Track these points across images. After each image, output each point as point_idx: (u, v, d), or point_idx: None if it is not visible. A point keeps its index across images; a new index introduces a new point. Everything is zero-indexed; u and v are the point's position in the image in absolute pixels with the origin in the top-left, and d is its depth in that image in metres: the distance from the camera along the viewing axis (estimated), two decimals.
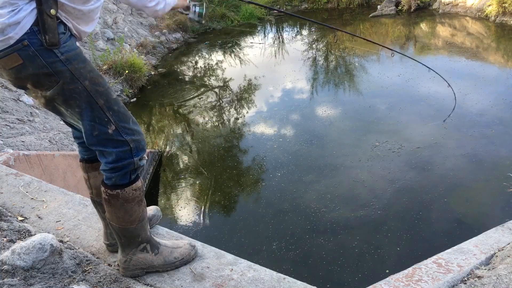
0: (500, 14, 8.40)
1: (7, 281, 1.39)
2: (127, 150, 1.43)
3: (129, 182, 1.47)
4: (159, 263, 1.60)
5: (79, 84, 1.30)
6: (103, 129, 1.37)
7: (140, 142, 1.47)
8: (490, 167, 3.83)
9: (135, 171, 1.49)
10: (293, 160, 4.33)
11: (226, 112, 5.96)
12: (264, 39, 9.84)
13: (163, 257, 1.61)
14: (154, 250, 1.60)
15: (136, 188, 1.48)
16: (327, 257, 3.00)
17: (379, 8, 10.60)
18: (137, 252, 1.57)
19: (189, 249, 1.66)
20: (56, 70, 1.25)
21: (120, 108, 1.41)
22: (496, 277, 1.46)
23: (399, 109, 5.22)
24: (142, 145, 1.48)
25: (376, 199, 3.56)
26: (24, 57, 1.19)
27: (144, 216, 1.56)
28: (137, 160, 1.47)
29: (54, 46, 1.22)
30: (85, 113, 1.35)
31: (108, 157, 1.42)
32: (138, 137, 1.46)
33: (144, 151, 1.50)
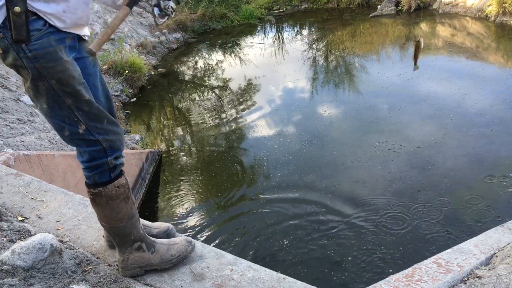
0: (500, 14, 8.40)
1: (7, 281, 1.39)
2: (100, 150, 1.45)
3: (109, 180, 1.48)
4: (156, 261, 1.60)
5: (46, 82, 1.31)
6: (74, 129, 1.40)
7: (114, 141, 1.48)
8: (490, 167, 3.83)
9: (114, 169, 1.50)
10: (293, 160, 4.33)
11: (226, 112, 5.96)
12: (264, 39, 9.84)
13: (160, 255, 1.61)
14: (150, 248, 1.60)
15: (118, 185, 1.49)
16: (327, 257, 3.00)
17: (379, 8, 10.60)
18: (133, 251, 1.58)
19: (185, 245, 1.66)
20: (26, 65, 1.28)
21: (92, 109, 1.41)
22: (496, 277, 1.46)
23: (399, 109, 5.22)
24: (117, 145, 1.49)
25: (376, 199, 3.56)
26: (3, 47, 1.27)
27: (134, 214, 1.56)
28: (111, 159, 1.47)
29: (20, 42, 1.24)
30: (53, 112, 1.38)
31: (83, 156, 1.46)
32: (113, 136, 1.47)
33: (120, 151, 1.51)
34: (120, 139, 1.52)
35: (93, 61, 1.55)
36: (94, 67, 1.55)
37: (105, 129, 1.45)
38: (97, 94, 1.55)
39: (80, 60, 1.47)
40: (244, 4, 11.26)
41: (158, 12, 1.45)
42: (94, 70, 1.55)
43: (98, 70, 1.58)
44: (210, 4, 10.72)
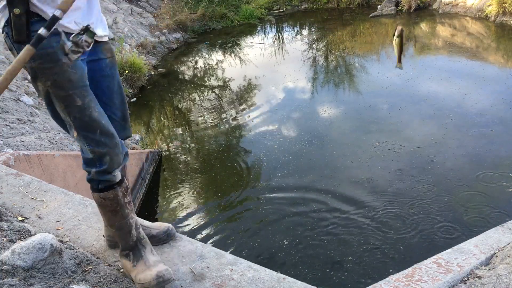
0: (500, 14, 8.39)
1: (7, 281, 1.39)
2: (90, 159, 1.42)
3: (97, 189, 1.47)
4: (131, 276, 1.56)
5: (42, 83, 1.31)
6: (70, 132, 1.41)
7: (104, 155, 1.41)
8: (490, 167, 3.82)
9: (103, 182, 1.45)
10: (293, 160, 4.33)
11: (226, 112, 5.96)
12: (264, 39, 9.84)
13: (135, 273, 1.54)
14: (134, 261, 1.56)
15: (105, 198, 1.46)
16: (327, 257, 3.00)
17: (379, 8, 10.60)
18: (122, 255, 1.60)
19: (155, 279, 1.48)
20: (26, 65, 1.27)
21: (83, 116, 1.36)
22: (496, 277, 1.46)
23: (399, 109, 5.22)
24: (106, 159, 1.42)
25: (376, 199, 3.56)
26: (8, 46, 1.32)
27: (122, 227, 1.53)
28: (94, 171, 1.43)
29: (20, 43, 1.23)
30: (52, 113, 1.40)
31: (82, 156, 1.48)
32: (103, 149, 1.40)
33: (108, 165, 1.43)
34: (112, 153, 1.43)
35: (111, 62, 1.53)
36: (112, 69, 1.53)
37: (97, 140, 1.39)
38: (112, 96, 1.53)
39: (96, 62, 1.45)
40: (244, 4, 11.25)
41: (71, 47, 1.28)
42: (111, 72, 1.52)
43: (116, 73, 1.55)
44: (210, 4, 10.72)
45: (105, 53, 1.50)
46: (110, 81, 1.51)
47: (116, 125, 1.54)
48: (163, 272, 1.48)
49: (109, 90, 1.52)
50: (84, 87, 1.35)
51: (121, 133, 1.59)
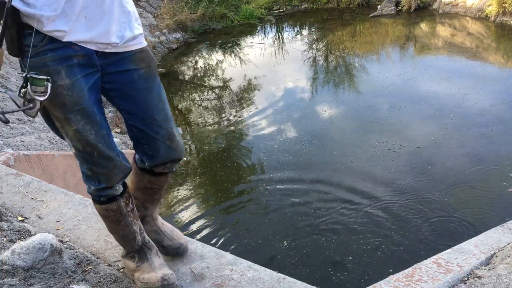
0: (500, 14, 8.39)
1: (7, 281, 1.39)
2: (88, 175, 1.36)
3: (99, 201, 1.42)
4: (133, 276, 1.56)
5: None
6: (69, 147, 1.37)
7: (100, 175, 1.34)
8: (490, 167, 3.83)
9: (105, 196, 1.40)
10: (294, 160, 4.33)
11: (226, 112, 5.96)
12: (264, 39, 9.84)
13: (139, 273, 1.54)
14: (139, 262, 1.54)
15: (107, 209, 1.42)
16: (327, 257, 3.00)
17: (379, 8, 10.60)
18: (125, 256, 1.59)
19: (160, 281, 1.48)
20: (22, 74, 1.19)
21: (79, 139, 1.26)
22: (496, 277, 1.46)
23: (399, 109, 5.22)
24: (103, 178, 1.34)
25: (376, 199, 3.56)
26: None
27: (127, 234, 1.50)
28: (94, 188, 1.38)
29: (16, 56, 1.15)
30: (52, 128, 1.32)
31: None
32: (100, 170, 1.33)
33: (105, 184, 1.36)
34: (111, 173, 1.34)
35: (147, 73, 1.33)
36: (148, 81, 1.33)
37: (94, 161, 1.31)
38: (151, 112, 1.35)
39: (124, 74, 1.29)
40: (244, 4, 11.25)
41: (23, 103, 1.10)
42: (147, 85, 1.34)
43: (154, 85, 1.36)
44: (210, 4, 10.72)
45: (138, 63, 1.30)
46: (146, 95, 1.33)
47: (159, 145, 1.40)
48: (168, 276, 1.48)
49: (147, 105, 1.34)
50: (79, 111, 1.23)
51: (167, 154, 1.43)
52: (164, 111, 1.39)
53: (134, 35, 1.28)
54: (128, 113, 1.36)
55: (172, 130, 1.42)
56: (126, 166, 1.41)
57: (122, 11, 1.24)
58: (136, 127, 1.38)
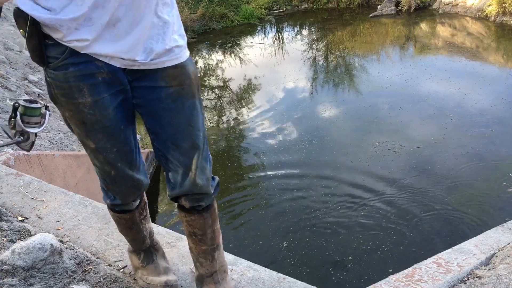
0: (500, 14, 8.39)
1: (7, 281, 1.39)
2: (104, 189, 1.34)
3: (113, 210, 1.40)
4: (137, 273, 1.56)
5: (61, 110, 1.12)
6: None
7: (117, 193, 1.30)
8: (490, 167, 3.83)
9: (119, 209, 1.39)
10: (294, 160, 4.33)
11: (226, 112, 5.96)
12: (264, 39, 9.84)
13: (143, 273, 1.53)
14: (144, 261, 1.53)
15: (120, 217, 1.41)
16: (327, 257, 3.00)
17: (379, 8, 10.60)
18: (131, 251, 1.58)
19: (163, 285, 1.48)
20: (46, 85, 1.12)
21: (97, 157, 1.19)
22: (496, 277, 1.46)
23: (399, 109, 5.23)
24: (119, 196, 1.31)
25: (376, 199, 3.56)
26: None
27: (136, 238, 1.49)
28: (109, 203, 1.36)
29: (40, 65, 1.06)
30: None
31: None
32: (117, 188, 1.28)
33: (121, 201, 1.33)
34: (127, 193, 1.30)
35: (177, 93, 1.14)
36: (177, 102, 1.15)
37: (111, 179, 1.24)
38: (175, 136, 1.18)
39: (150, 90, 1.13)
40: (244, 4, 11.26)
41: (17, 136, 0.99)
42: (175, 106, 1.15)
43: (183, 107, 1.17)
44: (210, 4, 10.72)
45: (168, 80, 1.12)
46: (173, 117, 1.16)
47: (178, 174, 1.24)
48: (172, 282, 1.46)
49: (171, 128, 1.17)
50: (100, 129, 1.12)
51: (185, 187, 1.25)
52: (191, 138, 1.21)
53: (169, 48, 1.10)
54: (153, 133, 1.21)
55: (196, 162, 1.23)
56: (144, 182, 1.30)
57: (156, 21, 1.06)
58: (159, 149, 1.23)
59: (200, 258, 1.42)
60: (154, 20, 1.05)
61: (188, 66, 1.16)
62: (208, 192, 1.31)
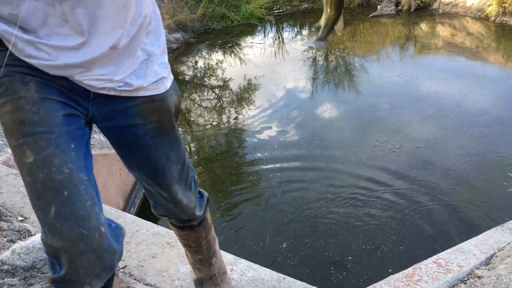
0: (500, 14, 8.40)
1: (7, 281, 1.39)
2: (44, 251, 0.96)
3: None
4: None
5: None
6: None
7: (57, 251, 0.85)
8: (490, 167, 3.83)
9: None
10: (293, 160, 4.33)
11: (226, 112, 5.96)
12: (264, 39, 9.84)
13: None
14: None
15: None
16: (327, 257, 3.00)
17: (379, 8, 10.60)
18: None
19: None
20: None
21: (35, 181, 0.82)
22: (496, 277, 1.46)
23: (399, 109, 5.23)
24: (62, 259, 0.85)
25: (376, 199, 3.56)
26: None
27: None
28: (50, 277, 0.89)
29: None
30: None
31: None
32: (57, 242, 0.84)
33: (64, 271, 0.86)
34: (73, 252, 0.83)
35: (157, 129, 1.00)
36: (156, 138, 1.01)
37: (49, 224, 0.83)
38: (155, 174, 1.04)
39: (125, 129, 0.97)
40: (244, 4, 11.26)
41: None
42: (154, 143, 1.01)
43: (164, 142, 1.03)
44: (210, 4, 10.72)
45: (146, 115, 0.97)
46: (151, 154, 1.01)
47: (161, 203, 1.13)
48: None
49: (150, 165, 1.03)
50: (42, 135, 0.82)
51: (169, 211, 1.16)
52: (171, 173, 1.07)
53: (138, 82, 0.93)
54: (129, 166, 1.07)
55: (178, 196, 1.11)
56: (107, 246, 0.88)
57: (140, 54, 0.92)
58: (136, 177, 1.10)
59: (197, 265, 1.38)
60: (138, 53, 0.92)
61: (168, 98, 1.01)
62: (197, 217, 1.23)
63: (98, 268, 0.88)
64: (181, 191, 1.11)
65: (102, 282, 0.92)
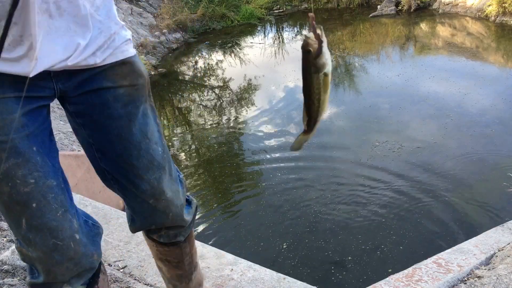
0: (500, 14, 8.39)
1: (7, 281, 1.39)
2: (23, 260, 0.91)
3: None
4: None
5: None
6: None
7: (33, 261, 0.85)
8: (490, 167, 3.83)
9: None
10: (293, 160, 4.33)
11: (226, 112, 5.96)
12: (264, 39, 9.84)
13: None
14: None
15: None
16: (327, 257, 3.00)
17: (379, 8, 10.59)
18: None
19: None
20: None
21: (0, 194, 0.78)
22: (496, 277, 1.46)
23: (399, 109, 5.23)
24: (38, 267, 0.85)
25: (377, 199, 3.56)
26: None
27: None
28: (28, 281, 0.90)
29: None
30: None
31: None
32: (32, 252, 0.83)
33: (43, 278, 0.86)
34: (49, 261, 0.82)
35: (129, 95, 0.88)
36: (128, 106, 0.89)
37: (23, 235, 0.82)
38: (128, 152, 0.90)
39: (95, 94, 0.86)
40: (244, 4, 11.26)
41: None
42: (127, 112, 0.88)
43: (139, 113, 0.90)
44: (210, 4, 10.72)
45: (116, 79, 0.87)
46: (123, 127, 0.89)
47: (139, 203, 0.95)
48: None
49: (123, 141, 0.89)
50: (2, 145, 0.76)
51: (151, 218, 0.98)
52: (149, 153, 0.91)
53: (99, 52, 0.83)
54: (98, 150, 0.92)
55: (160, 184, 0.94)
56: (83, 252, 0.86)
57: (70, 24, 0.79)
58: (108, 171, 0.93)
59: (174, 281, 1.19)
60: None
61: (138, 62, 0.93)
62: (183, 224, 1.04)
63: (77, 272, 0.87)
64: (165, 179, 0.95)
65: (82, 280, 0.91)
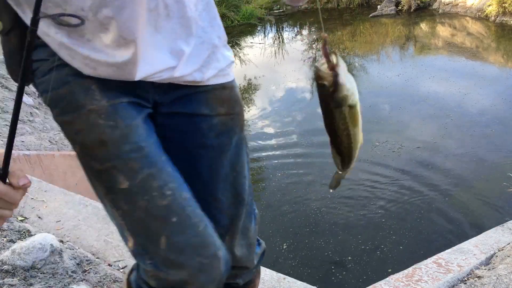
0: (500, 14, 8.39)
1: (7, 281, 1.39)
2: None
3: None
4: None
5: (72, 145, 0.75)
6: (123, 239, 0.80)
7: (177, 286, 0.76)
8: (490, 167, 3.83)
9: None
10: (293, 160, 4.33)
11: None
12: (264, 39, 9.84)
13: None
14: None
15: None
16: (327, 257, 3.00)
17: (379, 8, 10.60)
18: None
19: None
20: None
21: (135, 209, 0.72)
22: (496, 277, 1.46)
23: (399, 109, 5.23)
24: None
25: (377, 199, 3.56)
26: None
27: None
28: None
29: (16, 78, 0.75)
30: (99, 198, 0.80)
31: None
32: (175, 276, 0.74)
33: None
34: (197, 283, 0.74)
35: (224, 125, 0.81)
36: (222, 136, 0.82)
37: (163, 257, 0.73)
38: (214, 186, 0.84)
39: (188, 120, 0.79)
40: (244, 4, 11.26)
41: None
42: (219, 143, 0.82)
43: (232, 144, 0.83)
44: None
45: (214, 106, 0.80)
46: (214, 158, 0.82)
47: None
48: None
49: (211, 173, 0.83)
50: (132, 153, 0.70)
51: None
52: (235, 188, 0.87)
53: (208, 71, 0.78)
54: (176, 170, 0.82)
55: (239, 222, 0.88)
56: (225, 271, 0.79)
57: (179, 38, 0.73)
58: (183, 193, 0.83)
59: None
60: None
61: (237, 88, 0.84)
62: (249, 265, 0.95)
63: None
64: (242, 216, 0.88)
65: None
